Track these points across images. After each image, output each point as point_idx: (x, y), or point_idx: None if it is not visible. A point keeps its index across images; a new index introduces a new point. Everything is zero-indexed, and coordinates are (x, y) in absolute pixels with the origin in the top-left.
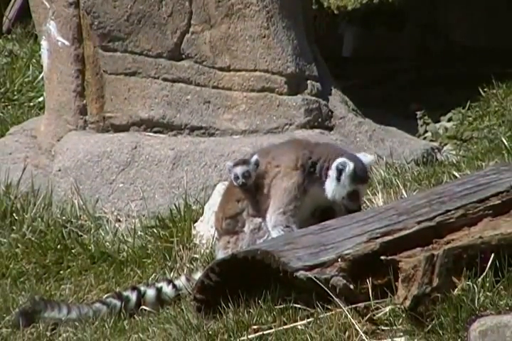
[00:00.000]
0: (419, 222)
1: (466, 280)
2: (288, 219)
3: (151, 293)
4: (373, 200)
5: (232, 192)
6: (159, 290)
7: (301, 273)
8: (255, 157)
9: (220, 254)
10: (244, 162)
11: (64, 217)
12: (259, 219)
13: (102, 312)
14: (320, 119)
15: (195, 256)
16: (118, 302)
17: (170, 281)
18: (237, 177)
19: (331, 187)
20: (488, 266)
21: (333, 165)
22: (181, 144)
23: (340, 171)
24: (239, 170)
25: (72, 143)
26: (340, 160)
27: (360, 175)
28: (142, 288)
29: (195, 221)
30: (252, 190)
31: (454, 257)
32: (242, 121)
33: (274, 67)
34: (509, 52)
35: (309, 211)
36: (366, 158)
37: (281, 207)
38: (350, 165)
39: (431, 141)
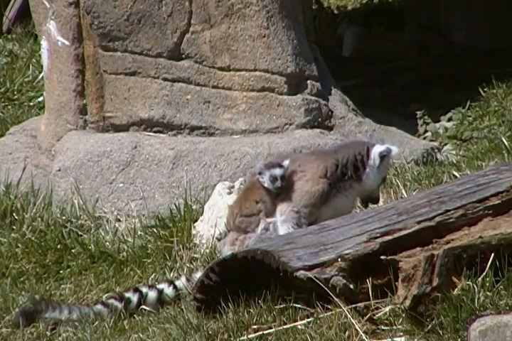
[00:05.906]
0: (419, 222)
1: (466, 280)
2: (300, 219)
3: (152, 294)
4: None
5: (253, 191)
6: (161, 292)
7: (301, 273)
8: (287, 161)
9: (226, 249)
10: (280, 165)
11: (64, 217)
12: (271, 220)
13: (103, 313)
14: (320, 119)
15: (195, 256)
16: (119, 304)
17: (171, 282)
18: (276, 179)
19: (371, 176)
20: (488, 266)
21: (375, 154)
22: (181, 144)
23: (382, 158)
24: (278, 172)
25: (72, 142)
26: (382, 147)
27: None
28: (144, 290)
29: (195, 221)
30: (275, 193)
31: (454, 257)
32: (242, 120)
33: (274, 67)
34: (509, 52)
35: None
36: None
37: (296, 206)
38: (394, 150)
39: (431, 140)
